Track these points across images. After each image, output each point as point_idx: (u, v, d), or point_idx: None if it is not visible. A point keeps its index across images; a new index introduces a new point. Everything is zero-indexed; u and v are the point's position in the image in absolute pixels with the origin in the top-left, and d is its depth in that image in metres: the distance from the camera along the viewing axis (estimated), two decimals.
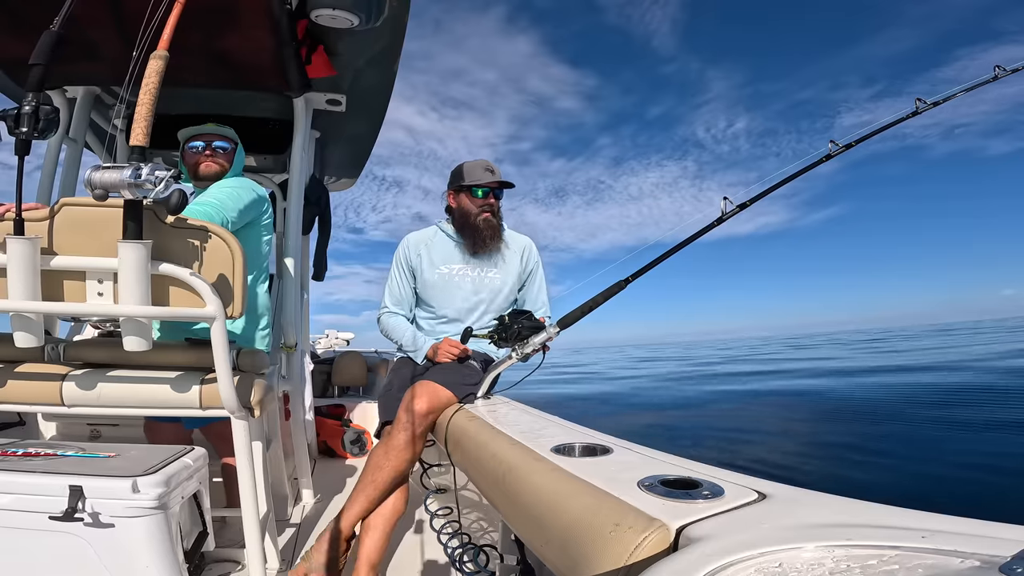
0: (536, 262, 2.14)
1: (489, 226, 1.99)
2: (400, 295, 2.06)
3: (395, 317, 2.05)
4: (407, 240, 2.10)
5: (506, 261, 2.08)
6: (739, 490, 0.69)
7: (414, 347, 1.97)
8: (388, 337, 2.07)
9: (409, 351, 2.00)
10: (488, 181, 1.98)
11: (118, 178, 1.16)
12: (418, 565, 1.91)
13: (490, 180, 1.98)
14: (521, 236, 2.15)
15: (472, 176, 1.99)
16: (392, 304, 2.07)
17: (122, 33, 1.72)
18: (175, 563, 1.20)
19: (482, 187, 1.98)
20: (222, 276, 1.41)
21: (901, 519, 0.52)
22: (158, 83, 1.24)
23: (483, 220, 1.99)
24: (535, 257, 2.14)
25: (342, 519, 1.63)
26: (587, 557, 0.66)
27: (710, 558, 0.47)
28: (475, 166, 2.01)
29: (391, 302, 2.07)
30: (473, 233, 2.00)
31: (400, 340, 2.01)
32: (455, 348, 1.87)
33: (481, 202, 1.98)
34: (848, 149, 1.78)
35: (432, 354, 1.92)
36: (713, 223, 1.67)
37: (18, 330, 1.30)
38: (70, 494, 1.10)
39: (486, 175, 1.99)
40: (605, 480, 0.78)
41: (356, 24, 1.93)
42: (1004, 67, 1.86)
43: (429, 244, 2.06)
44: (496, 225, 2.02)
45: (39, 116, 1.21)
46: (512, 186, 2.02)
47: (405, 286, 2.06)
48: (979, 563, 0.40)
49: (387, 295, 2.08)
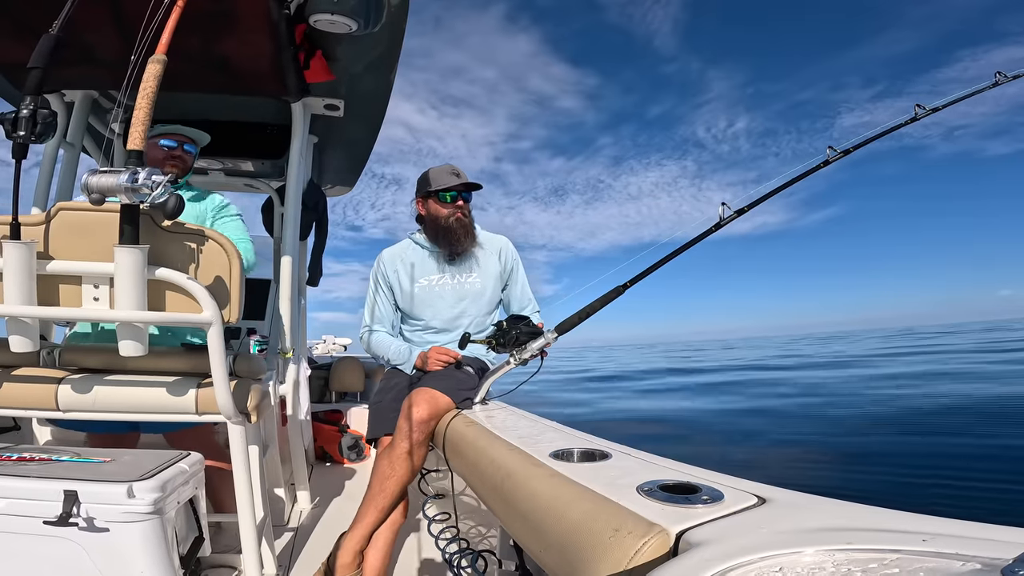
0: (515, 260, 2.13)
1: (461, 225, 1.98)
2: (381, 313, 2.06)
3: (378, 334, 2.04)
4: (381, 257, 2.09)
5: (483, 263, 2.07)
6: (738, 494, 0.69)
7: (402, 359, 1.96)
8: (374, 355, 2.05)
9: (398, 364, 1.98)
10: (454, 184, 1.97)
11: (115, 182, 1.15)
12: (417, 571, 1.90)
13: (456, 183, 1.97)
14: (496, 236, 2.14)
15: (438, 181, 1.98)
16: (374, 323, 2.06)
17: (121, 37, 1.72)
18: (171, 568, 1.19)
19: (449, 191, 1.97)
20: (219, 280, 1.41)
21: (901, 522, 0.52)
22: (156, 87, 1.24)
23: (455, 220, 1.98)
24: (513, 255, 2.13)
25: (356, 528, 1.61)
26: (586, 563, 0.65)
27: (710, 563, 0.47)
28: (441, 172, 2.01)
29: (372, 320, 2.06)
30: (447, 236, 1.99)
31: (387, 355, 2.00)
32: (445, 355, 1.86)
33: (450, 206, 1.98)
34: (846, 155, 1.78)
35: (421, 363, 1.91)
36: (711, 228, 1.67)
37: (13, 334, 1.30)
38: (65, 499, 1.09)
39: (452, 179, 1.98)
40: (604, 485, 0.78)
41: (354, 29, 1.93)
42: (1005, 73, 1.87)
43: (404, 259, 2.06)
44: (468, 223, 2.01)
45: (37, 120, 1.20)
46: (480, 187, 2.02)
47: (385, 304, 2.06)
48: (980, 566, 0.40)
49: (367, 314, 2.08)
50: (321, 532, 2.21)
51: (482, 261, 2.07)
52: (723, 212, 1.67)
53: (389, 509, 1.64)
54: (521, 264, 2.15)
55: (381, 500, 1.62)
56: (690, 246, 1.68)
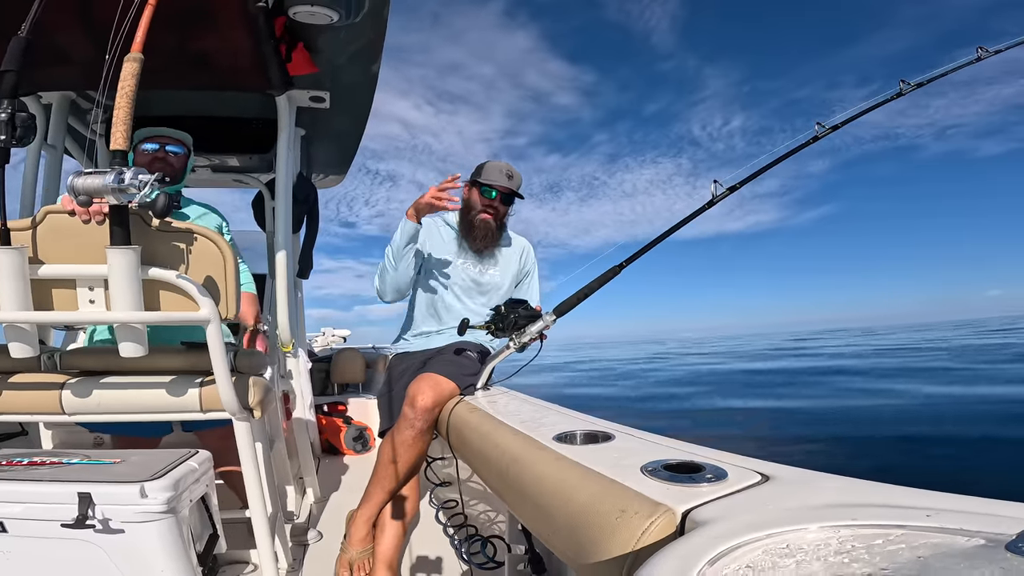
0: (533, 263, 2.18)
1: (485, 227, 1.98)
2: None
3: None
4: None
5: (505, 258, 2.10)
6: (742, 472, 0.69)
7: (401, 231, 1.85)
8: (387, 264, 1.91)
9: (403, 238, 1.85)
10: (497, 184, 1.97)
11: (101, 183, 1.13)
12: (427, 558, 1.93)
13: (500, 184, 1.97)
14: (520, 237, 2.18)
15: (488, 175, 1.99)
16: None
17: (92, 37, 1.68)
18: (190, 566, 1.20)
19: (492, 188, 1.97)
20: (212, 278, 1.40)
21: (905, 498, 0.52)
22: (134, 86, 1.22)
23: (480, 220, 1.98)
24: (532, 259, 2.18)
25: (364, 508, 1.66)
26: (595, 543, 0.66)
27: (717, 541, 0.47)
28: (495, 167, 2.01)
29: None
30: (470, 229, 2.00)
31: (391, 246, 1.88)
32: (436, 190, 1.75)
33: (487, 202, 1.98)
34: (835, 131, 1.77)
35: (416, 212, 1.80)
36: (704, 206, 1.67)
37: (13, 341, 1.29)
38: (79, 501, 1.09)
39: (500, 177, 1.98)
40: (609, 467, 0.79)
41: (335, 20, 1.89)
42: (987, 48, 1.85)
43: (433, 232, 2.06)
44: (493, 229, 2.01)
45: (16, 123, 1.18)
46: (522, 197, 2.03)
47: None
48: (984, 541, 0.40)
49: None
50: (332, 524, 2.23)
51: (504, 257, 2.10)
52: (715, 189, 1.67)
53: (395, 490, 1.67)
54: (537, 269, 2.20)
55: (387, 483, 1.66)
56: (684, 224, 1.67)
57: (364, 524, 1.65)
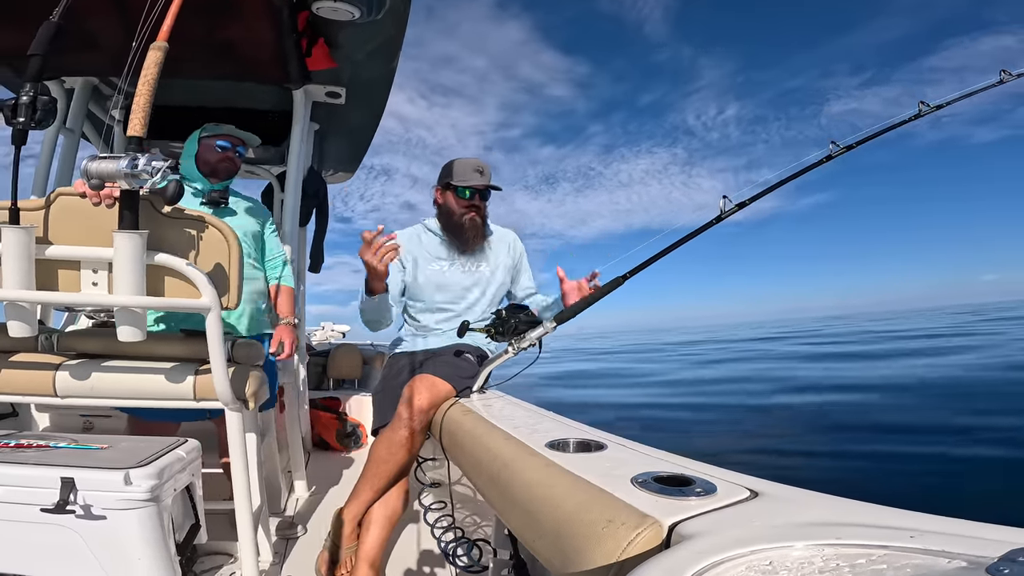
0: (522, 253, 2.18)
1: (474, 226, 1.98)
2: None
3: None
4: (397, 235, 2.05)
5: (494, 253, 2.09)
6: (731, 487, 0.69)
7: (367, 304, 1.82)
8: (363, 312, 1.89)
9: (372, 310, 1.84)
10: (475, 183, 1.95)
11: (114, 168, 1.15)
12: (412, 559, 1.92)
13: (477, 183, 1.95)
14: (504, 230, 2.16)
15: (460, 176, 1.96)
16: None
17: (122, 23, 1.70)
18: (167, 556, 1.20)
19: (468, 188, 1.95)
20: (218, 266, 1.41)
21: (890, 518, 0.53)
22: (157, 74, 1.24)
23: (468, 220, 1.97)
24: (520, 248, 2.18)
25: (352, 505, 1.65)
26: (580, 552, 0.66)
27: (701, 556, 0.47)
28: (465, 166, 1.98)
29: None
30: (459, 233, 1.99)
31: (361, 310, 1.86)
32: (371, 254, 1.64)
33: (467, 203, 1.96)
34: (849, 150, 1.78)
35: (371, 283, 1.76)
36: (712, 221, 1.67)
37: (12, 319, 1.30)
38: (62, 486, 1.09)
39: (474, 176, 1.96)
40: (599, 476, 0.79)
41: (357, 16, 1.92)
42: (1010, 71, 1.85)
43: (417, 243, 2.04)
44: (480, 226, 2.01)
45: (36, 106, 1.20)
46: (499, 189, 2.01)
47: (393, 275, 1.96)
48: (966, 563, 0.40)
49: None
50: (318, 520, 2.23)
51: (492, 253, 2.09)
52: (724, 205, 1.67)
53: (384, 489, 1.66)
54: (526, 256, 2.20)
55: (377, 481, 1.64)
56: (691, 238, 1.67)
57: (350, 521, 1.64)
